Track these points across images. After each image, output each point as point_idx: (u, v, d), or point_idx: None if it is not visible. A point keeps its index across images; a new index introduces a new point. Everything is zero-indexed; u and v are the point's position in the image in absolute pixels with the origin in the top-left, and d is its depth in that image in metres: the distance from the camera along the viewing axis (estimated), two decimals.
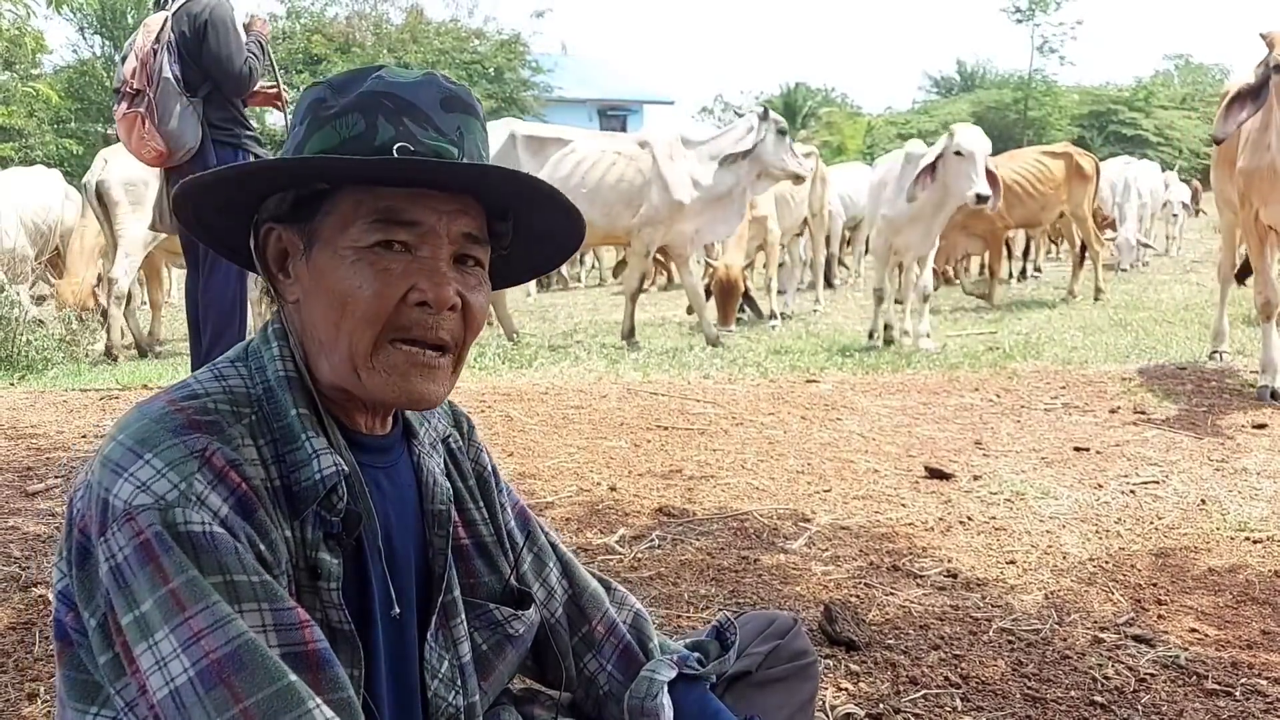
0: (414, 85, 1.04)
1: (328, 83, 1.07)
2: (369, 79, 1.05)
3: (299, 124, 1.06)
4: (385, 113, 1.02)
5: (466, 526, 1.23)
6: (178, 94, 5.18)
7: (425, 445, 1.19)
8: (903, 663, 2.10)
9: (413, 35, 25.99)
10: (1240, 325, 8.58)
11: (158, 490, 0.90)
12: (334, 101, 1.04)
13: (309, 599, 0.99)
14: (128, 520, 0.89)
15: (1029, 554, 2.82)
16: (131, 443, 0.93)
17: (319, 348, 1.05)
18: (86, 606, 0.93)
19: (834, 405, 5.02)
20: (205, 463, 0.93)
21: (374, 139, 1.01)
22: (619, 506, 3.22)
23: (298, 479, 1.00)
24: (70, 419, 4.35)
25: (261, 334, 1.09)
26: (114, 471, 0.92)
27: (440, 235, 1.03)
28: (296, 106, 1.08)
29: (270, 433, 1.01)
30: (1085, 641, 2.23)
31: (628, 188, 7.50)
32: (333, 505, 1.01)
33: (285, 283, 1.07)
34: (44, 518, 2.91)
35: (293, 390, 1.03)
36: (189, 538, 0.89)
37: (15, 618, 2.23)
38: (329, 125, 1.03)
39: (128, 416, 0.98)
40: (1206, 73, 44.13)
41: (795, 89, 48.52)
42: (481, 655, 1.20)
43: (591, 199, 7.41)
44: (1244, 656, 2.15)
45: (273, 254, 1.07)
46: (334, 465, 1.01)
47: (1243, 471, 3.68)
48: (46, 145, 21.14)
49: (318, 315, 1.04)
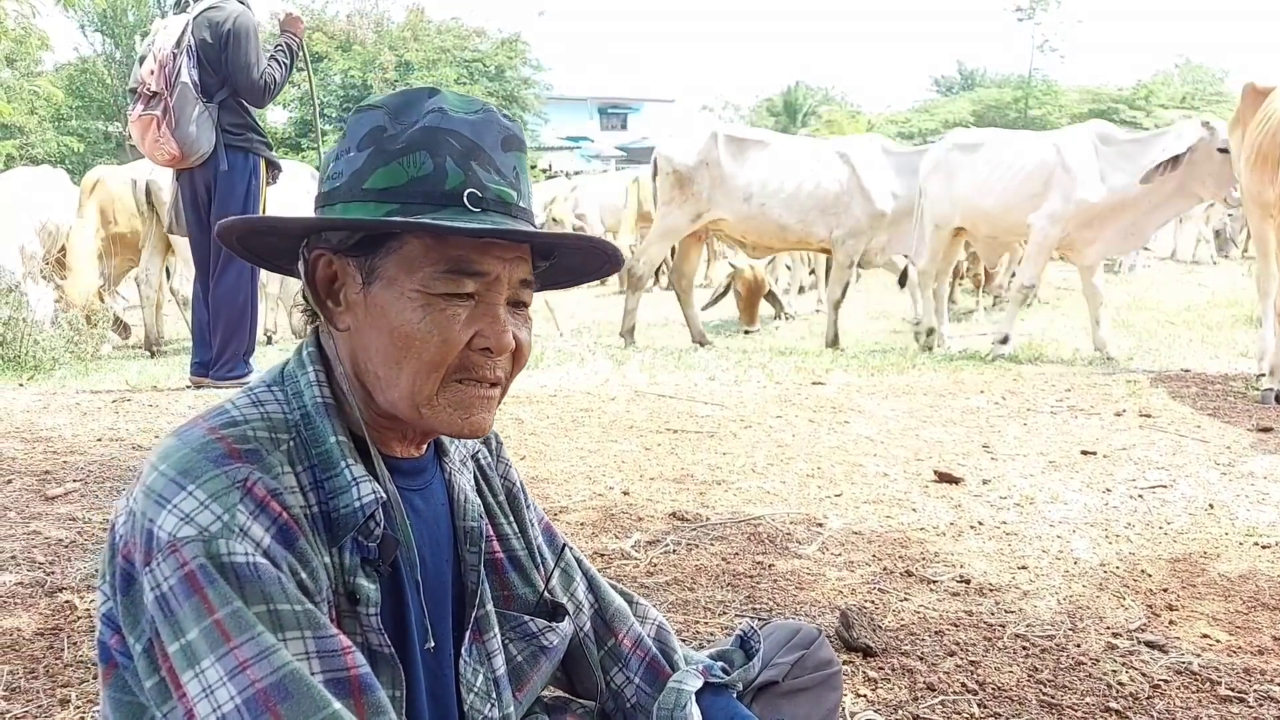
0: (478, 124, 1.05)
1: (384, 107, 1.06)
2: (427, 109, 1.05)
3: (356, 149, 1.05)
4: (453, 154, 1.03)
5: (500, 540, 1.26)
6: (195, 99, 5.22)
7: (456, 463, 1.22)
8: (919, 669, 2.13)
9: (414, 33, 26.00)
10: (1241, 327, 8.62)
11: (201, 522, 0.91)
12: (394, 130, 1.04)
13: (349, 624, 1.01)
14: (172, 552, 0.91)
15: (1040, 559, 2.85)
16: (174, 473, 0.95)
17: (374, 380, 1.07)
18: (131, 631, 0.96)
19: (841, 408, 5.05)
20: (247, 493, 0.94)
21: (444, 182, 1.02)
22: (632, 511, 3.24)
23: (336, 506, 1.01)
24: (84, 422, 4.37)
25: (296, 357, 1.10)
26: (157, 503, 0.94)
27: (503, 283, 1.06)
28: (351, 128, 1.07)
29: (309, 459, 1.02)
30: (1099, 647, 2.25)
31: (824, 195, 7.55)
32: (370, 532, 1.03)
33: (335, 310, 1.08)
34: (65, 522, 2.93)
35: (330, 417, 1.05)
36: (233, 568, 0.91)
37: (43, 623, 2.25)
38: (395, 162, 1.03)
39: (168, 444, 0.99)
40: (1206, 73, 44.08)
41: (795, 87, 48.52)
42: (516, 667, 1.23)
43: (788, 204, 7.55)
44: (1256, 663, 2.18)
45: (322, 280, 1.08)
46: (373, 493, 1.03)
47: (1249, 476, 3.70)
48: (47, 143, 21.15)
49: (375, 349, 1.05)
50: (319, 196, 1.08)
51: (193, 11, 5.33)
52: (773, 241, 7.97)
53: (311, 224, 1.07)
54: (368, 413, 1.09)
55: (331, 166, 1.08)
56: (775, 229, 7.71)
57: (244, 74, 5.23)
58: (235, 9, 5.30)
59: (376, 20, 26.32)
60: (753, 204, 7.64)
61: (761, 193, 7.61)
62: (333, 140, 1.56)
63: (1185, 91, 36.24)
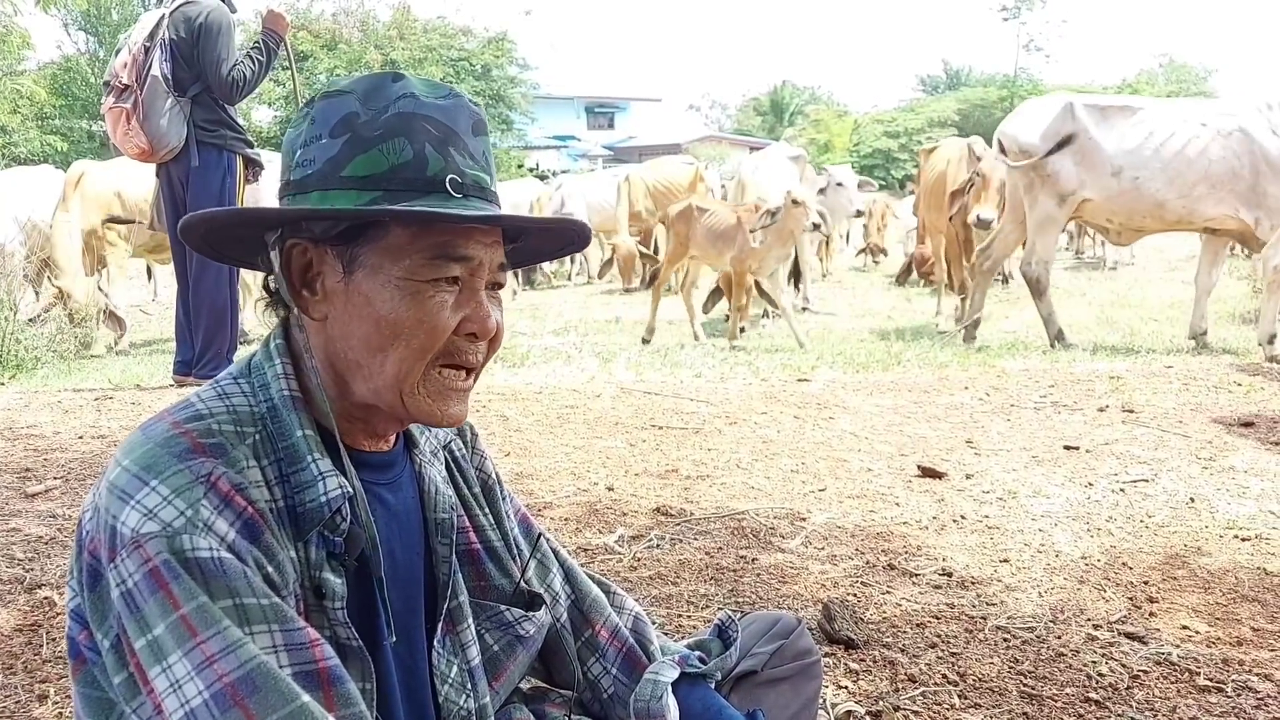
0: (450, 109, 1.05)
1: (353, 92, 1.05)
2: (397, 94, 1.04)
3: (329, 136, 1.03)
4: (430, 140, 1.02)
5: (476, 531, 1.26)
6: (165, 93, 5.19)
7: (426, 454, 1.21)
8: (901, 660, 2.14)
9: (400, 32, 25.93)
10: (1225, 322, 8.68)
11: (165, 517, 0.91)
12: (367, 116, 1.02)
13: (317, 618, 1.01)
14: (136, 548, 0.90)
15: (1022, 552, 2.86)
16: (137, 469, 0.94)
17: (353, 368, 1.06)
18: (99, 627, 0.95)
19: (826, 404, 5.06)
20: (211, 488, 0.93)
21: (425, 169, 1.02)
22: (617, 506, 3.25)
23: (303, 500, 1.01)
24: (66, 419, 4.35)
25: (264, 349, 1.09)
26: (120, 499, 0.93)
27: (485, 267, 1.07)
28: (319, 115, 1.05)
29: (274, 452, 1.01)
30: (1079, 639, 2.27)
31: (1217, 168, 6.61)
32: (336, 526, 1.03)
33: (312, 300, 1.06)
34: (45, 519, 2.92)
35: (298, 410, 1.04)
36: (197, 564, 0.90)
37: (22, 620, 2.24)
38: (375, 149, 1.01)
39: (133, 439, 0.99)
40: (1190, 71, 44.38)
41: (782, 87, 48.68)
42: (493, 656, 1.23)
43: (1170, 178, 6.67)
44: (1235, 653, 2.19)
45: (297, 269, 1.06)
46: (339, 487, 1.02)
47: (1230, 470, 3.73)
48: (30, 142, 21.02)
49: (357, 338, 1.04)
50: (287, 184, 1.06)
51: (169, 6, 5.31)
52: (1145, 222, 7.10)
53: (296, 214, 1.04)
54: (340, 405, 1.08)
55: (299, 154, 1.05)
56: (1150, 207, 6.87)
57: (214, 69, 5.19)
58: (210, 4, 5.26)
59: (362, 19, 26.25)
60: (1123, 179, 6.84)
61: (1133, 165, 6.81)
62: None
63: (1170, 90, 36.50)
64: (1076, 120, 6.99)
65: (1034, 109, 7.45)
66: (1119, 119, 6.96)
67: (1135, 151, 6.81)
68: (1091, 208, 7.15)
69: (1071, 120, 7.00)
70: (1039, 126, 7.14)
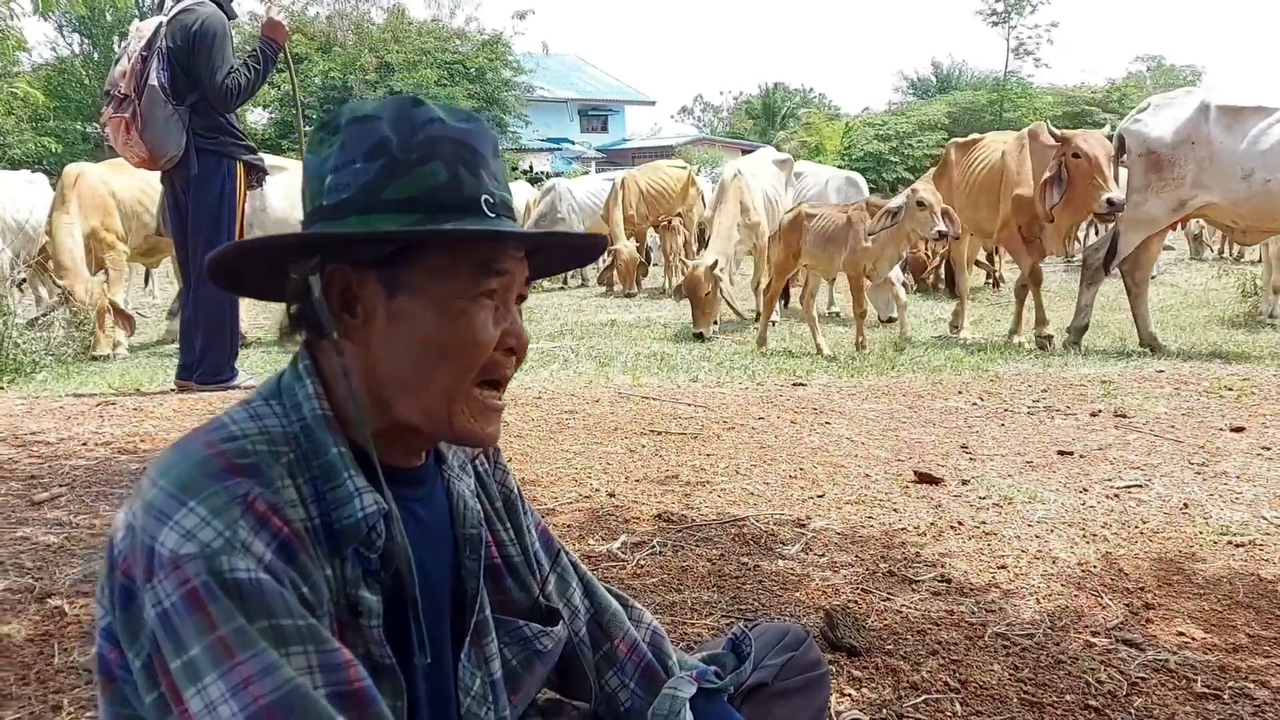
0: (475, 133, 1.08)
1: (382, 118, 1.06)
2: (424, 118, 1.06)
3: (364, 161, 1.04)
4: (463, 162, 1.05)
5: (497, 546, 1.28)
6: (163, 102, 5.21)
7: (455, 469, 1.24)
8: (903, 668, 2.17)
9: (394, 35, 25.92)
10: (1215, 327, 8.75)
11: (203, 538, 0.92)
12: (400, 140, 1.04)
13: (351, 635, 1.02)
14: (175, 568, 0.91)
15: (1019, 559, 2.90)
16: (174, 489, 0.95)
17: (399, 390, 1.08)
18: (130, 646, 0.96)
19: (822, 409, 5.10)
20: (248, 508, 0.95)
21: (461, 190, 1.05)
22: (619, 513, 3.28)
23: (339, 516, 1.02)
24: (69, 425, 4.36)
25: (293, 370, 1.10)
26: (158, 519, 0.94)
27: (517, 281, 1.11)
28: (351, 140, 1.05)
29: (309, 470, 1.03)
30: (1078, 646, 2.30)
31: None
32: (372, 543, 1.04)
33: (352, 323, 1.08)
34: (53, 527, 2.94)
35: (331, 429, 1.06)
36: (235, 585, 0.91)
37: (33, 630, 2.26)
38: (413, 173, 1.04)
39: (168, 460, 1.00)
40: (1178, 74, 44.57)
41: (774, 89, 48.73)
42: (511, 671, 1.25)
43: None
44: (1232, 660, 2.23)
45: (337, 294, 1.07)
46: (375, 504, 1.04)
47: (1223, 475, 3.77)
48: (25, 144, 20.96)
49: (402, 359, 1.06)
50: (321, 210, 1.07)
51: (168, 13, 5.33)
52: (1275, 224, 6.97)
53: (352, 236, 1.04)
54: (378, 425, 1.09)
55: (330, 179, 1.06)
56: None
57: (209, 78, 5.20)
58: (206, 11, 5.26)
59: (357, 22, 26.24)
60: (1254, 182, 6.65)
61: (1265, 168, 6.61)
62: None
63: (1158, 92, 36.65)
64: (1209, 123, 6.75)
65: (1164, 107, 7.18)
66: (1252, 120, 6.73)
67: (1269, 153, 6.60)
68: (1216, 211, 7.02)
69: (1204, 122, 6.77)
70: (1170, 125, 6.91)
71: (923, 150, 33.87)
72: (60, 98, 24.37)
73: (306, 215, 1.09)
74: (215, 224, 5.32)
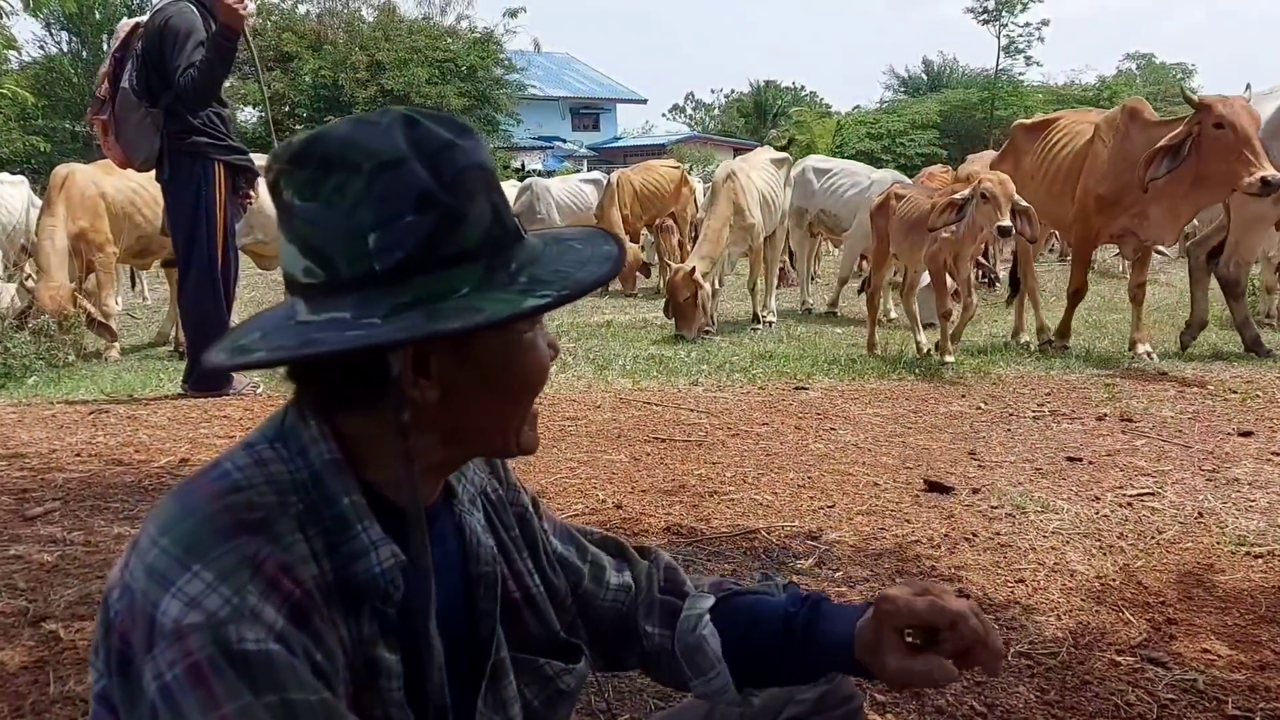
0: (481, 147, 1.01)
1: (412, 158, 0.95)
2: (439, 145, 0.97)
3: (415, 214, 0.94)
4: (491, 189, 1.01)
5: (515, 579, 1.21)
6: (135, 104, 5.16)
7: (465, 503, 1.17)
8: (927, 692, 2.11)
9: (385, 33, 25.80)
10: (1213, 327, 8.71)
11: (209, 606, 0.86)
12: (440, 182, 0.95)
13: (368, 697, 0.97)
14: (178, 639, 0.85)
15: (1036, 572, 2.85)
16: (178, 550, 0.89)
17: (478, 432, 1.05)
18: (129, 714, 0.90)
19: (826, 414, 5.04)
20: (257, 570, 0.88)
21: (502, 220, 1.01)
22: (627, 526, 3.22)
23: (354, 571, 0.96)
24: (62, 435, 4.28)
25: (295, 409, 1.02)
26: (160, 584, 0.87)
27: None
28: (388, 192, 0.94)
29: (321, 522, 0.96)
30: (1103, 665, 2.25)
31: None
32: (389, 597, 0.98)
33: (427, 385, 0.99)
34: (47, 545, 2.86)
35: (341, 474, 0.99)
36: (242, 657, 0.85)
37: (27, 656, 2.18)
38: (467, 219, 0.97)
39: (168, 513, 0.93)
40: (1168, 72, 44.70)
41: (765, 87, 48.75)
42: (533, 713, 1.18)
43: None
44: (1260, 679, 2.18)
45: (409, 363, 0.98)
46: (392, 556, 0.98)
47: (1235, 482, 3.73)
48: (14, 143, 20.80)
49: (485, 403, 1.03)
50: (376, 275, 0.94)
51: (149, 13, 5.29)
52: None
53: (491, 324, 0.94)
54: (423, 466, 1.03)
55: (376, 238, 0.93)
56: None
57: (171, 77, 5.11)
58: (174, 10, 5.13)
59: (347, 19, 26.12)
60: None
61: None
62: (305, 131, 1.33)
63: (1148, 91, 36.73)
64: None
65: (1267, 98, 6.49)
66: None
67: None
68: None
69: None
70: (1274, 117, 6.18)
71: (915, 148, 33.92)
72: (49, 96, 24.21)
73: (347, 279, 0.95)
74: (192, 228, 5.24)
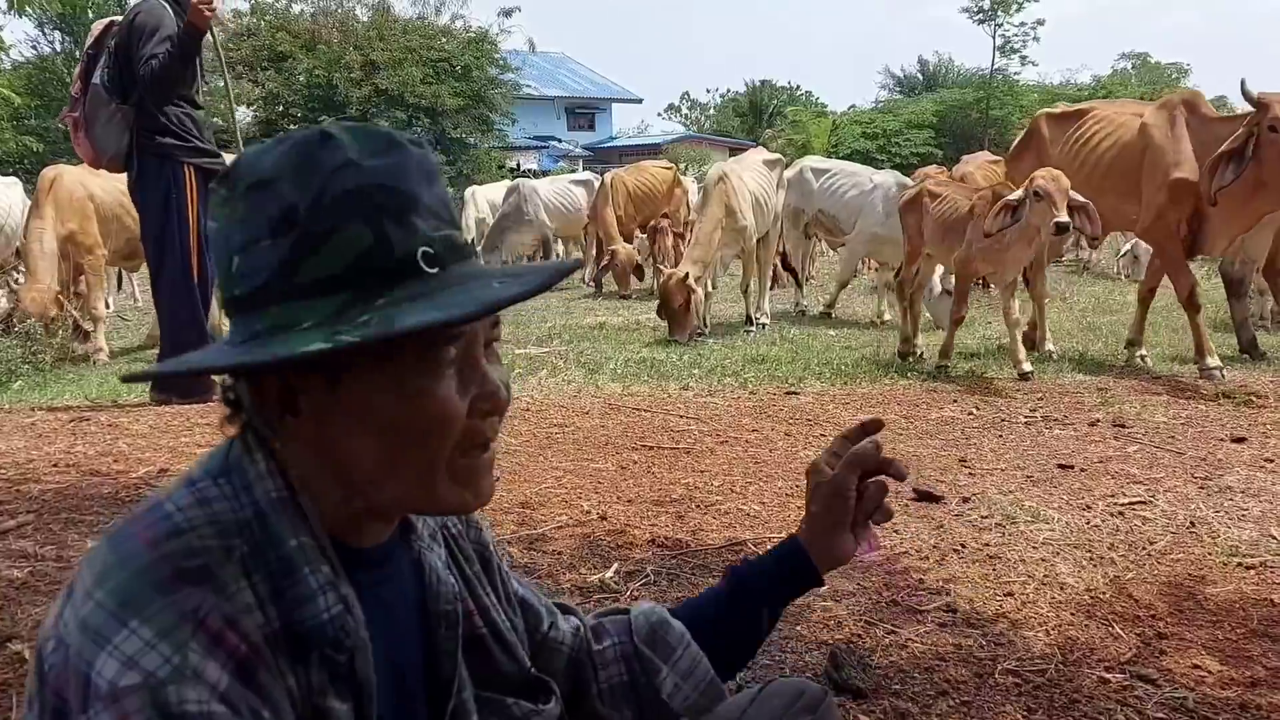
0: (396, 167, 0.91)
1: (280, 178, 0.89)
2: (332, 165, 0.89)
3: (271, 238, 0.88)
4: (388, 213, 0.89)
5: (481, 614, 1.15)
6: (105, 101, 5.13)
7: (425, 539, 1.11)
8: (912, 711, 2.07)
9: (379, 33, 25.70)
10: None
11: (147, 666, 0.80)
12: (307, 203, 0.88)
13: None
14: (113, 702, 0.79)
15: (1026, 584, 2.81)
16: (114, 605, 0.83)
17: (366, 484, 0.95)
18: None
19: (816, 420, 5.00)
20: (199, 626, 0.83)
21: (391, 251, 0.89)
22: (611, 538, 3.17)
23: (301, 617, 0.90)
24: (40, 444, 4.23)
25: (242, 442, 0.96)
26: (95, 642, 0.81)
27: (479, 332, 0.96)
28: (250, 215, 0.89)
29: (266, 565, 0.90)
30: (1091, 683, 2.21)
31: None
32: (340, 644, 0.93)
33: (295, 423, 0.94)
34: (17, 560, 2.81)
35: (287, 514, 0.93)
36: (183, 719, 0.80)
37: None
38: (331, 243, 0.88)
39: (103, 562, 0.86)
40: (1163, 72, 44.69)
41: (761, 87, 48.70)
42: None
43: None
44: (1251, 697, 2.15)
45: (274, 396, 0.93)
46: (340, 601, 0.92)
47: (1227, 490, 3.70)
48: (6, 143, 20.69)
49: (362, 454, 0.93)
50: (236, 301, 0.91)
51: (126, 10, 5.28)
52: None
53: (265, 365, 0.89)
54: (346, 510, 0.97)
55: (238, 262, 0.90)
56: None
57: (136, 71, 5.08)
58: (144, 6, 5.12)
59: (341, 19, 26.00)
60: None
61: None
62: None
63: (1143, 90, 36.74)
64: None
65: None
66: None
67: None
68: None
69: None
70: None
71: (910, 148, 33.89)
72: (42, 96, 24.07)
73: (222, 302, 0.95)
74: (161, 232, 5.19)
